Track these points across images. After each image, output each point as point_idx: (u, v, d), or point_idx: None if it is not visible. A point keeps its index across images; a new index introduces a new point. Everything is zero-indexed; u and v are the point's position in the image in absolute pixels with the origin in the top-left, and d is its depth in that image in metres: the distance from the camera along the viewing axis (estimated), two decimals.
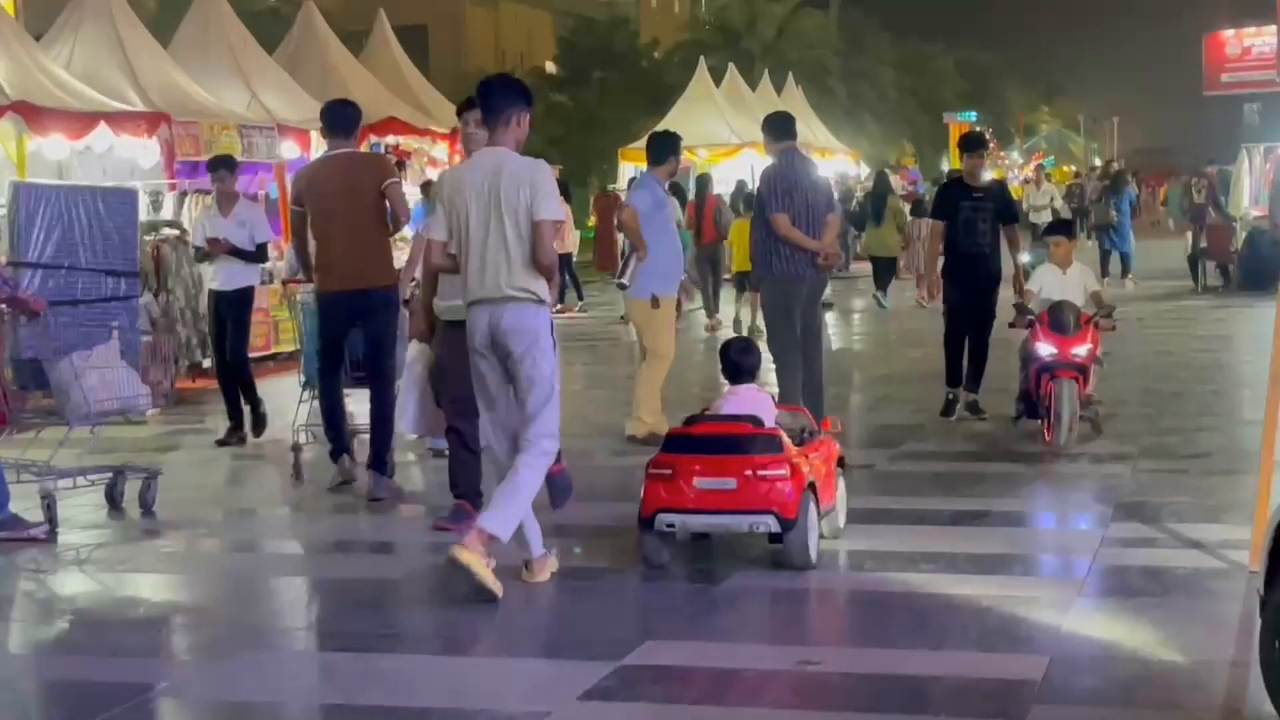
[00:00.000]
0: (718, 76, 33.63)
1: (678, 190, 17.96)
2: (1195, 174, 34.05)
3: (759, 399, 8.18)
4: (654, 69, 52.21)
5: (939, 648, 6.47)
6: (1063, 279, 11.65)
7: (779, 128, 11.29)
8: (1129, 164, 32.11)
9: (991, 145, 43.53)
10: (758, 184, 11.43)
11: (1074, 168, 67.50)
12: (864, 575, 7.75)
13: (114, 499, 9.81)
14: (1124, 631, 6.62)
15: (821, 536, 7.87)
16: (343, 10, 46.55)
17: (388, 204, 9.69)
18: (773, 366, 10.96)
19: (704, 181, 22.53)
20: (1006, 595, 7.18)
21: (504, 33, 65.87)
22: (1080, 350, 10.96)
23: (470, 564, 6.99)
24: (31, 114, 15.30)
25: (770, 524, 7.47)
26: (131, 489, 9.79)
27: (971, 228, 12.05)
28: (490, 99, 7.41)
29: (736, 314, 20.16)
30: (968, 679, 6.00)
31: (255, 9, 33.53)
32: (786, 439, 7.74)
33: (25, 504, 9.04)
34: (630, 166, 30.33)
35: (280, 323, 16.72)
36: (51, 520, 8.92)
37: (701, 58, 35.01)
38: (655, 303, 11.49)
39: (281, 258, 18.47)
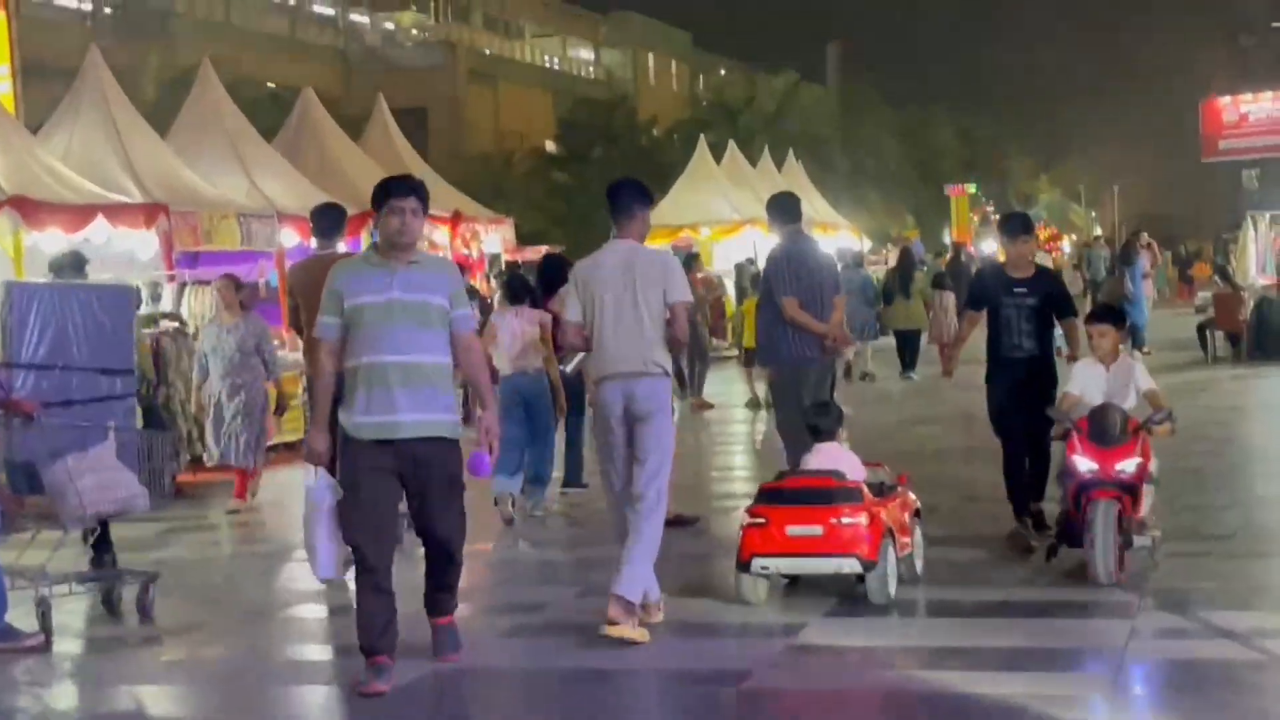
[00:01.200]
0: (718, 153, 33.48)
1: None
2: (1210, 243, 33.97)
3: (841, 455, 9.27)
4: (654, 146, 52.36)
5: None
6: (1107, 377, 9.64)
7: (785, 209, 11.10)
8: (1134, 229, 31.93)
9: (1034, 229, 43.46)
10: (765, 265, 11.23)
11: (1075, 236, 67.90)
12: (891, 674, 7.48)
13: (111, 604, 9.54)
14: None
15: (901, 580, 8.87)
16: (341, 96, 46.79)
17: None
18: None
19: (688, 261, 21.83)
20: (1037, 694, 6.88)
21: (503, 113, 66.40)
22: (1126, 465, 9.03)
23: (624, 636, 7.93)
24: (28, 208, 15.12)
25: (854, 566, 8.54)
26: (130, 593, 9.47)
27: (1011, 327, 10.34)
28: (619, 198, 8.56)
29: (752, 389, 19.86)
30: None
31: (253, 95, 33.55)
32: (867, 490, 8.90)
33: (20, 610, 8.71)
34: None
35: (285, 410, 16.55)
36: (47, 630, 8.61)
37: (701, 135, 35.07)
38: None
39: (284, 346, 18.32)
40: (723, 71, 77.03)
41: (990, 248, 60.01)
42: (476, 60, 69.12)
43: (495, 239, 24.27)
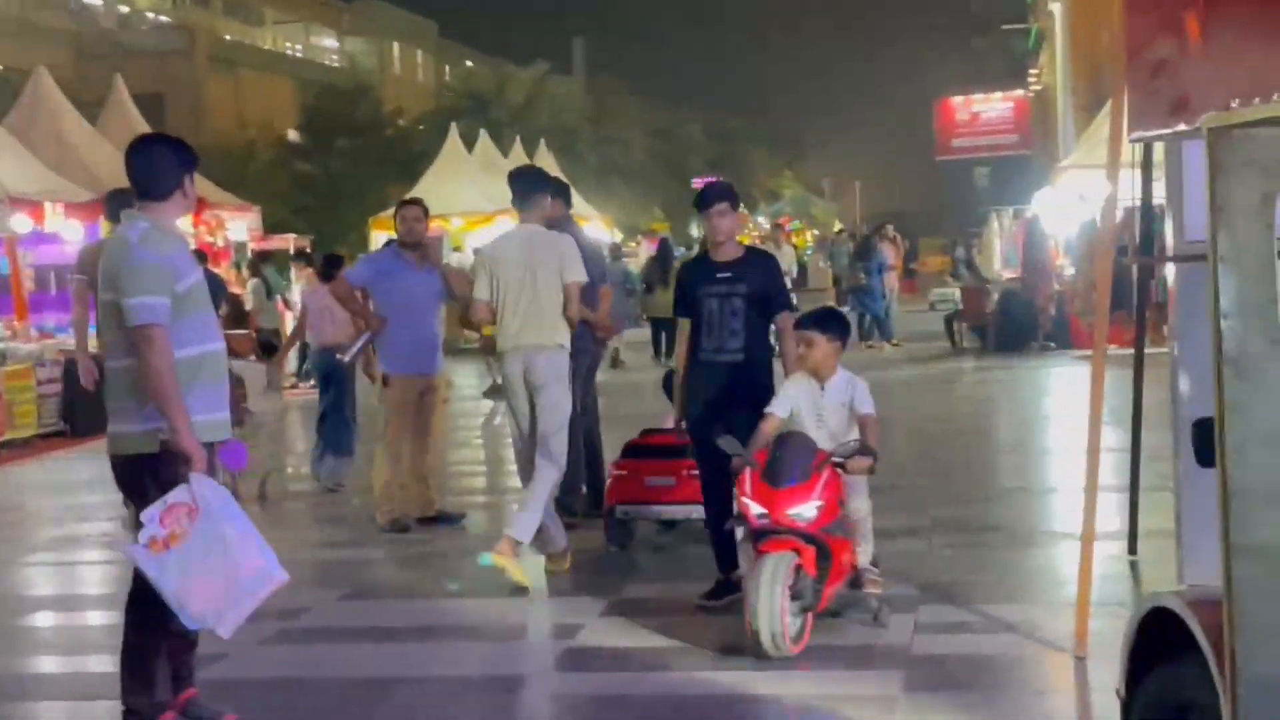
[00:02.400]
0: (469, 143, 32.82)
1: None
2: (948, 240, 35.02)
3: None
4: (401, 137, 51.34)
5: None
6: (818, 397, 7.77)
7: (552, 192, 10.67)
8: (878, 224, 32.48)
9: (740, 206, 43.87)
10: None
11: (817, 231, 69.16)
12: (675, 675, 7.12)
13: None
14: None
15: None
16: (75, 79, 44.78)
17: None
18: None
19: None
20: (828, 695, 6.67)
21: (245, 100, 63.80)
22: (803, 510, 7.18)
23: (504, 565, 8.60)
24: None
25: (702, 512, 8.83)
26: None
27: (714, 323, 8.31)
28: (519, 185, 9.39)
29: (493, 376, 18.83)
30: None
31: None
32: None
33: None
34: (382, 235, 29.17)
35: (15, 405, 15.79)
36: None
37: (453, 124, 34.22)
38: (385, 381, 10.75)
39: (14, 337, 17.38)
40: (469, 63, 75.58)
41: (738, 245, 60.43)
42: (216, 46, 66.59)
43: (241, 227, 23.60)
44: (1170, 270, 8.07)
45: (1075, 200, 22.19)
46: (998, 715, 6.37)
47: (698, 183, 57.02)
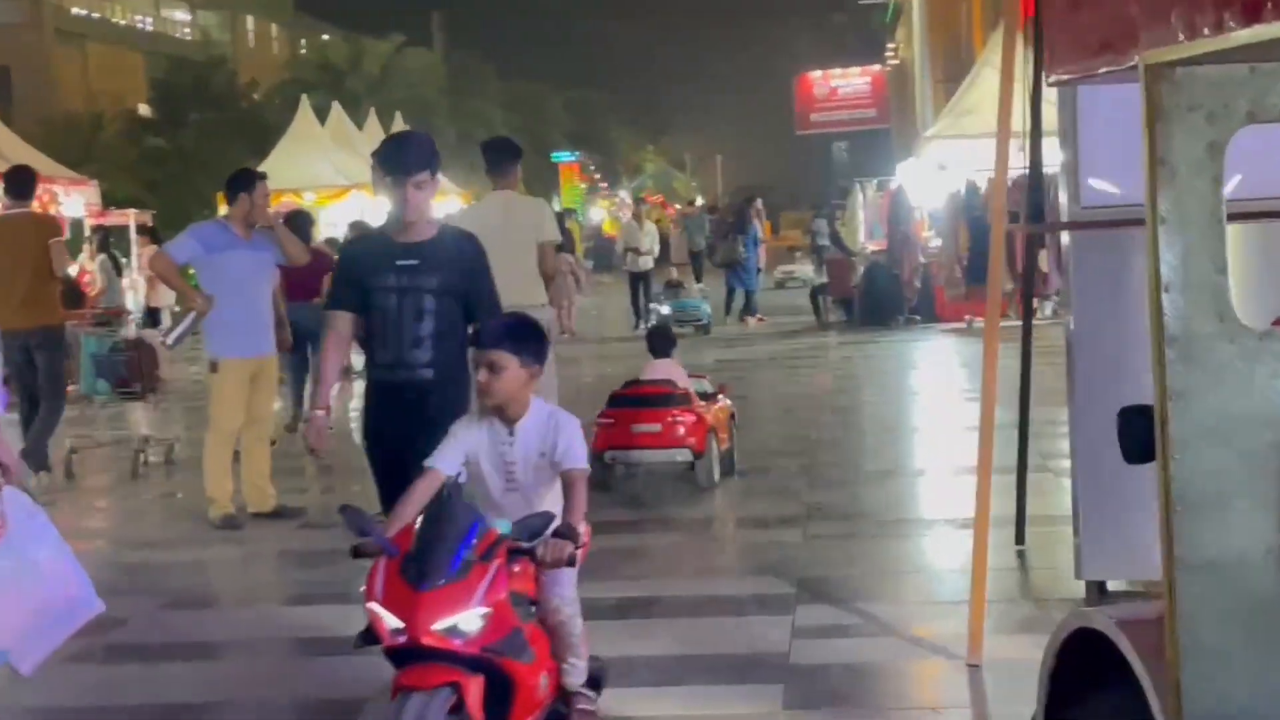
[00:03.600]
0: (322, 116, 31.78)
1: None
2: (810, 213, 34.73)
3: (672, 367, 11.03)
4: (255, 110, 50.30)
5: None
6: (504, 445, 5.28)
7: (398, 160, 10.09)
8: (747, 196, 32.12)
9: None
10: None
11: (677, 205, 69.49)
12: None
13: None
14: None
15: (722, 471, 10.62)
16: None
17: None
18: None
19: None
20: (703, 715, 5.99)
21: (93, 74, 62.72)
22: (461, 621, 4.66)
23: None
24: None
25: (686, 456, 10.29)
26: None
27: (392, 325, 6.18)
28: (491, 155, 9.92)
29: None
30: None
31: None
32: (694, 395, 10.64)
33: None
34: None
35: None
36: None
37: (304, 96, 33.21)
38: (213, 366, 9.83)
39: None
40: (325, 37, 73.62)
41: (598, 215, 60.15)
42: (63, 19, 64.93)
43: (77, 202, 22.24)
44: (1063, 239, 7.62)
45: (939, 171, 21.89)
46: None
47: (558, 160, 56.80)
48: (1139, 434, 3.54)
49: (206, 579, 9.04)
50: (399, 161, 5.95)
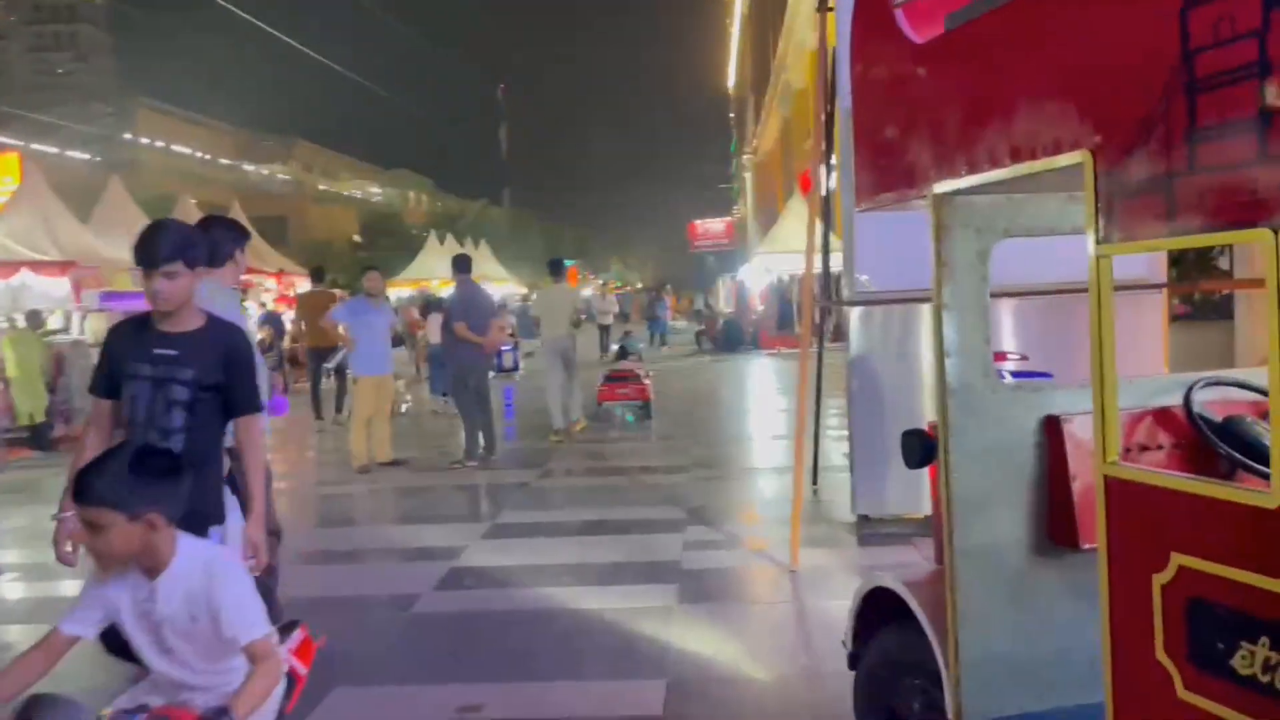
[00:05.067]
0: (443, 240, 39.81)
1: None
2: (693, 293, 41.46)
3: (633, 364, 15.38)
4: (411, 238, 63.59)
5: (579, 676, 5.01)
6: (146, 602, 3.35)
7: (460, 264, 11.28)
8: (660, 283, 41.93)
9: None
10: (449, 302, 11.38)
11: (628, 286, 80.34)
12: (518, 591, 6.52)
13: None
14: (716, 645, 5.37)
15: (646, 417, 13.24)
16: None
17: None
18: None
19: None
20: (624, 609, 5.90)
21: (331, 219, 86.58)
22: None
23: (575, 430, 12.30)
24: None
25: (642, 404, 13.78)
26: None
27: (143, 417, 4.22)
28: (551, 267, 14.06)
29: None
30: (603, 717, 4.52)
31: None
32: (642, 373, 14.20)
33: None
34: (394, 290, 35.50)
35: None
36: None
37: (433, 231, 40.86)
38: (355, 380, 11.13)
39: None
40: (451, 201, 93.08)
41: (587, 293, 71.40)
42: (315, 191, 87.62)
43: (305, 286, 25.78)
44: (846, 311, 7.68)
45: (763, 271, 25.85)
46: (741, 626, 5.65)
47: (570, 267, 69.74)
48: (914, 449, 3.41)
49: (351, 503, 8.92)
50: (145, 252, 4.00)
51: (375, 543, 7.71)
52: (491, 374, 11.64)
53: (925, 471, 3.93)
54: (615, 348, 17.66)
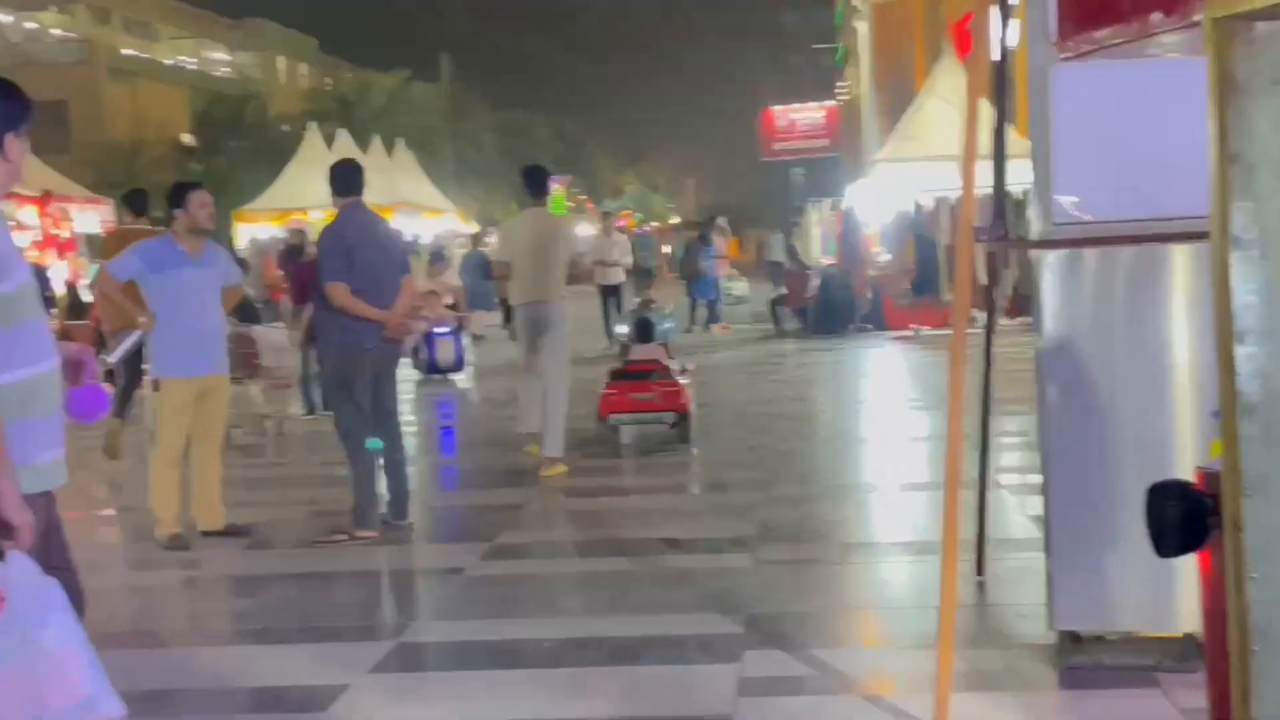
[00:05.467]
0: (331, 142, 29.37)
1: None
2: (764, 232, 33.66)
3: (655, 350, 11.74)
4: (281, 139, 46.80)
5: None
6: None
7: (341, 180, 8.60)
8: (709, 215, 30.46)
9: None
10: (318, 245, 8.74)
11: (656, 223, 67.95)
12: None
13: None
14: None
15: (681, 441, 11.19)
16: None
17: None
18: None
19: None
20: None
21: (142, 107, 60.32)
22: None
23: (553, 474, 9.88)
24: None
25: (672, 417, 11.13)
26: None
27: None
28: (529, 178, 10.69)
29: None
30: None
31: None
32: (675, 367, 11.54)
33: None
34: (245, 226, 27.46)
35: None
36: None
37: (313, 122, 31.73)
38: (155, 385, 8.46)
39: None
40: (349, 75, 70.17)
41: (585, 232, 59.03)
42: (115, 59, 64.27)
43: (92, 219, 21.07)
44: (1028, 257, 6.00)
45: (889, 192, 20.62)
46: None
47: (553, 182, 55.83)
48: (1171, 518, 2.38)
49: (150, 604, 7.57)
50: None
51: (185, 679, 5.91)
52: (419, 375, 11.04)
53: (1190, 559, 2.92)
54: (623, 329, 13.43)
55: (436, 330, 16.87)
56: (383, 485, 8.52)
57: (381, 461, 8.45)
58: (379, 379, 8.43)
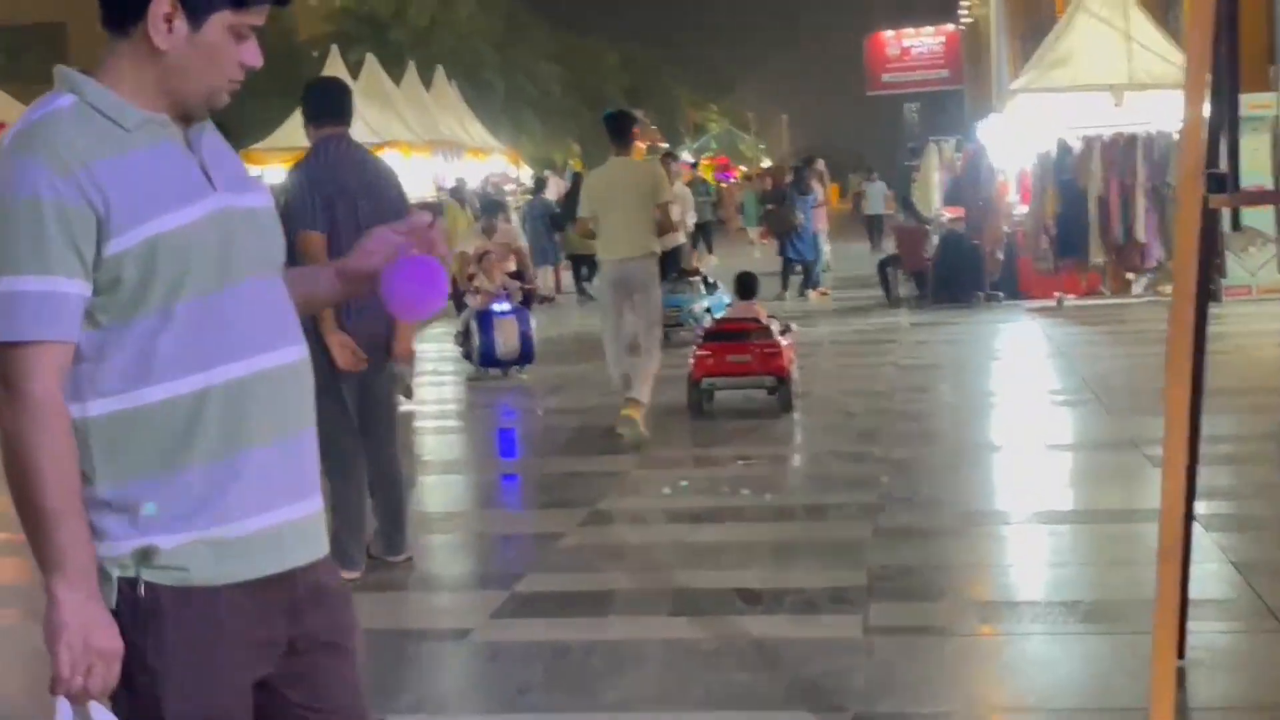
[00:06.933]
0: (357, 70, 26.90)
1: None
2: (868, 176, 30.35)
3: (754, 307, 11.71)
4: (304, 62, 41.74)
5: None
6: None
7: (316, 102, 7.10)
8: (805, 158, 27.22)
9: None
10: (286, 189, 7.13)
11: (744, 166, 62.67)
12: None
13: None
14: None
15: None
16: None
17: None
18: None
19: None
20: None
21: None
22: None
23: (636, 418, 9.81)
24: None
25: (772, 381, 11.08)
26: None
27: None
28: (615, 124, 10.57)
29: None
30: None
31: None
32: (775, 327, 11.50)
33: None
34: (254, 168, 24.52)
35: None
36: None
37: (335, 47, 28.48)
38: None
39: None
40: None
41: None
42: None
43: None
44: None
45: (1030, 128, 17.99)
46: None
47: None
48: None
49: None
50: None
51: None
52: (471, 370, 11.87)
53: None
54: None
55: (495, 308, 13.35)
56: (363, 511, 7.11)
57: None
58: (377, 377, 6.87)
